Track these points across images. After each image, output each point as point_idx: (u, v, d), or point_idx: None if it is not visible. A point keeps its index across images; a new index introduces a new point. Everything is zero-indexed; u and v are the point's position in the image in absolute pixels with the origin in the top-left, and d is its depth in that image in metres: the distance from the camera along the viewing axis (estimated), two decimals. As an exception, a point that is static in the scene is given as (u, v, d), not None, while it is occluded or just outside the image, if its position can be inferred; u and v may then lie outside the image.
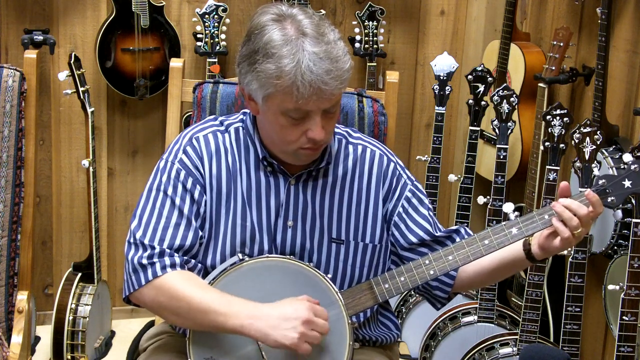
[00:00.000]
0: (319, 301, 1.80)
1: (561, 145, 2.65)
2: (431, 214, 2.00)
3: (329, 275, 1.86)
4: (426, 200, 2.00)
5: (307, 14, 1.81)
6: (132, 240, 1.85)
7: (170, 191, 1.87)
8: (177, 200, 1.86)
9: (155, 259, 1.81)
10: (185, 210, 1.86)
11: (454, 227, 2.00)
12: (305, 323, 1.72)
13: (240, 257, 1.85)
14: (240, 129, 1.95)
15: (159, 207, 1.86)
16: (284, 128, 1.81)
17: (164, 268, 1.80)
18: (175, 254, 1.83)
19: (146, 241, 1.82)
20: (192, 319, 1.78)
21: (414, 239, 1.96)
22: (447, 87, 3.19)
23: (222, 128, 1.96)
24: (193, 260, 1.87)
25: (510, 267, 1.93)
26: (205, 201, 1.89)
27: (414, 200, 1.98)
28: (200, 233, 1.88)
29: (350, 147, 1.99)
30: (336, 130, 1.99)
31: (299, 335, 1.71)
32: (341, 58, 1.77)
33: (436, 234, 1.97)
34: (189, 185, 1.88)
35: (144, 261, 1.81)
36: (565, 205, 1.78)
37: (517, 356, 2.80)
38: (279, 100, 1.77)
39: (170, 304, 1.79)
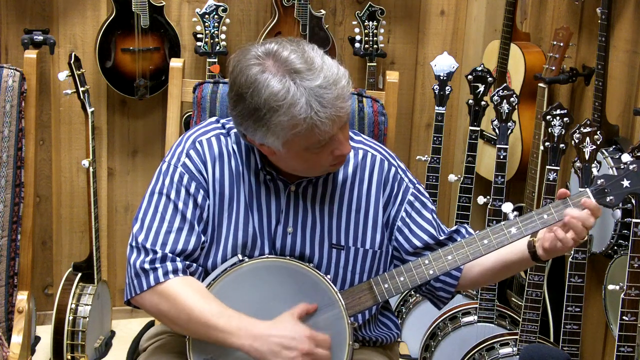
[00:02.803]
0: (317, 305, 1.80)
1: (561, 145, 2.64)
2: (435, 216, 1.99)
3: (329, 276, 1.86)
4: (429, 203, 1.99)
5: (285, 46, 1.75)
6: (134, 244, 1.84)
7: (173, 195, 1.86)
8: (180, 205, 1.86)
9: (158, 264, 1.80)
10: (188, 215, 1.85)
11: (454, 228, 1.99)
12: (305, 355, 1.73)
13: (240, 258, 1.85)
14: None
15: (161, 211, 1.85)
16: (309, 160, 1.80)
17: (166, 274, 1.80)
18: (178, 259, 1.82)
19: (148, 245, 1.82)
20: (192, 330, 1.79)
21: (418, 244, 1.95)
22: (447, 87, 3.19)
23: (225, 131, 1.95)
24: (195, 265, 1.86)
25: (514, 267, 1.94)
26: (208, 205, 1.89)
27: (417, 204, 1.98)
28: (203, 238, 1.88)
29: (351, 152, 1.98)
30: None
31: None
32: (339, 76, 1.74)
33: (440, 238, 1.96)
34: (192, 190, 1.87)
35: (146, 266, 1.80)
36: (574, 216, 1.78)
37: (517, 356, 2.80)
38: (300, 142, 1.75)
39: (171, 313, 1.79)
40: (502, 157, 2.90)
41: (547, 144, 2.66)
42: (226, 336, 1.74)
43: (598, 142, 2.48)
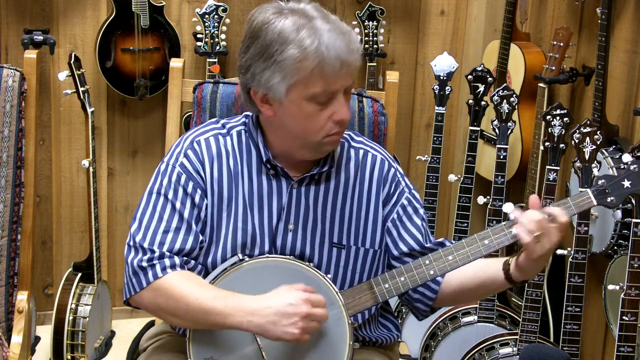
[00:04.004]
0: (314, 288, 1.79)
1: (561, 145, 2.64)
2: (424, 224, 1.99)
3: (329, 276, 1.86)
4: (421, 210, 2.00)
5: (304, 2, 1.82)
6: (131, 244, 1.84)
7: (170, 195, 1.86)
8: (178, 204, 1.86)
9: (155, 261, 1.80)
10: (186, 215, 1.86)
11: (440, 240, 1.99)
12: (304, 318, 1.72)
13: (240, 257, 1.85)
14: (243, 131, 1.95)
15: (159, 211, 1.86)
16: (310, 117, 1.80)
17: (164, 269, 1.80)
18: (175, 257, 1.82)
19: (146, 245, 1.82)
20: (191, 319, 1.78)
21: (404, 248, 1.96)
22: (447, 87, 3.19)
23: (224, 131, 1.95)
24: (193, 262, 1.86)
25: (489, 286, 1.92)
26: (206, 205, 1.89)
27: (409, 209, 1.98)
28: (201, 237, 1.88)
29: (352, 151, 1.99)
30: None
31: (300, 331, 1.72)
32: (351, 31, 1.79)
33: (426, 245, 1.96)
34: (189, 189, 1.87)
35: (144, 264, 1.80)
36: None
37: (517, 356, 2.80)
38: (304, 86, 1.76)
39: (169, 305, 1.79)
40: (502, 157, 2.90)
41: (547, 144, 2.66)
42: (224, 318, 1.74)
43: (598, 142, 2.48)
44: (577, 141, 2.48)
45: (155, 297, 1.80)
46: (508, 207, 1.89)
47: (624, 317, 2.37)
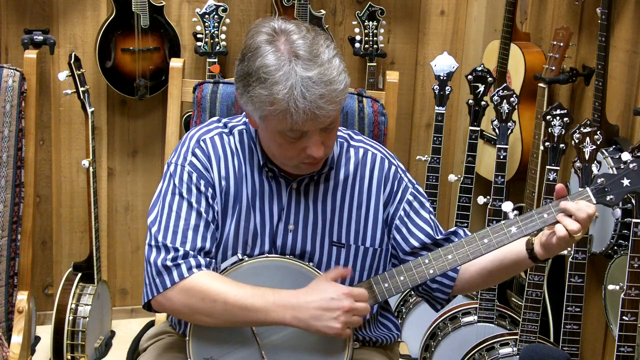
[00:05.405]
0: (351, 269, 1.83)
1: (561, 145, 2.65)
2: (432, 217, 1.99)
3: (329, 276, 1.87)
4: (427, 204, 2.00)
5: (301, 32, 1.77)
6: (152, 243, 1.82)
7: (185, 193, 1.85)
8: (194, 202, 1.85)
9: (180, 260, 1.79)
10: (203, 212, 1.85)
11: (452, 229, 1.99)
12: (347, 312, 1.75)
13: (240, 257, 1.85)
14: (244, 131, 1.95)
15: (176, 210, 1.84)
16: (281, 146, 1.81)
17: (190, 269, 1.78)
18: (199, 256, 1.82)
19: (168, 243, 1.80)
20: (228, 319, 1.77)
21: (415, 243, 1.95)
22: (447, 87, 3.19)
23: (227, 130, 1.95)
24: (214, 261, 1.86)
25: (512, 267, 1.92)
26: (216, 203, 1.89)
27: (415, 204, 1.98)
28: (217, 235, 1.88)
29: (352, 151, 1.98)
30: (338, 133, 1.97)
31: (342, 325, 1.75)
32: (336, 79, 1.73)
33: (437, 237, 1.96)
34: (202, 188, 1.87)
35: (169, 263, 1.78)
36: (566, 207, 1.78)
37: (517, 356, 2.80)
38: (274, 122, 1.76)
39: (203, 305, 1.77)
40: (502, 157, 2.90)
41: (547, 144, 2.66)
42: (266, 314, 1.74)
43: (598, 142, 2.48)
44: (577, 141, 2.48)
45: (188, 297, 1.77)
46: (508, 207, 1.89)
47: (624, 317, 2.37)
